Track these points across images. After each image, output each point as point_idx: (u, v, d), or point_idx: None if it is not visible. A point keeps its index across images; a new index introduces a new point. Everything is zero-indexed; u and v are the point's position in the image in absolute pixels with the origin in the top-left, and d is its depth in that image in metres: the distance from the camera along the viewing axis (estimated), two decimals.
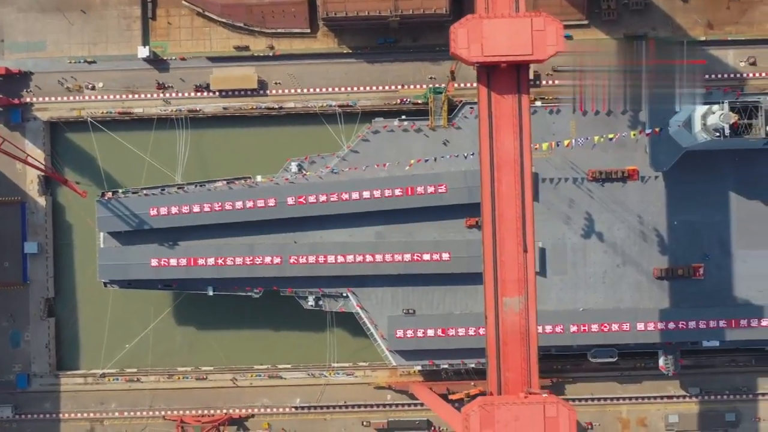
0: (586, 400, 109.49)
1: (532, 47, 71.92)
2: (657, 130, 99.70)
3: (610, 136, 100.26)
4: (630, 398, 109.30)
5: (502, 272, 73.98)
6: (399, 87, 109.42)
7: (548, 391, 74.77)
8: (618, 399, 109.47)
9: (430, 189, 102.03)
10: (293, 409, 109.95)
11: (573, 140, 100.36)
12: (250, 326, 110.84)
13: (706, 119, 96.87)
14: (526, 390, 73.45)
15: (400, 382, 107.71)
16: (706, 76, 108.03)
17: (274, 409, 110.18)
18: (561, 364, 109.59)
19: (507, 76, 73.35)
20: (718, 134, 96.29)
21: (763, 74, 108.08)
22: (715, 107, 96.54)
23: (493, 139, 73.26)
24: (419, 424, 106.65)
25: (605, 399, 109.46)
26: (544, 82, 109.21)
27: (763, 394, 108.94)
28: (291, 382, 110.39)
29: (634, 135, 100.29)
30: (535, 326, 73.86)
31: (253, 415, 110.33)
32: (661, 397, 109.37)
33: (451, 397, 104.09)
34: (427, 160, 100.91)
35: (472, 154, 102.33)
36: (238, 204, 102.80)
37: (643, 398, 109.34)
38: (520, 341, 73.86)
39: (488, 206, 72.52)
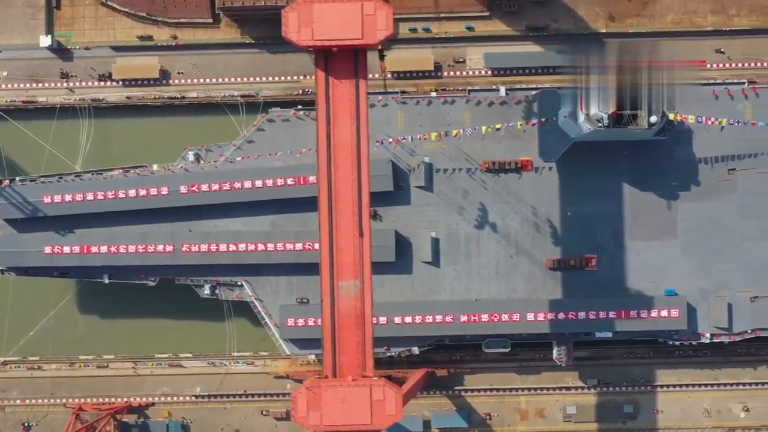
0: (485, 390, 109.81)
1: (362, 32, 71.94)
2: (543, 120, 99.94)
3: (498, 126, 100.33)
4: (528, 389, 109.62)
5: (338, 256, 74.26)
6: (301, 77, 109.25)
7: (381, 376, 74.79)
8: (517, 390, 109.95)
9: None
10: (193, 398, 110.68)
11: (461, 130, 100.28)
12: (151, 315, 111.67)
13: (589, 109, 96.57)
14: (361, 373, 73.55)
15: (299, 371, 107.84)
16: None
17: (175, 398, 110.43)
18: (460, 355, 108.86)
19: (344, 61, 73.83)
20: (600, 124, 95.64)
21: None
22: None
23: (330, 125, 73.25)
24: None
25: (504, 390, 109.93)
26: (445, 73, 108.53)
27: (662, 386, 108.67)
28: (191, 371, 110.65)
29: (521, 126, 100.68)
30: (370, 310, 74.31)
31: (153, 404, 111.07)
32: (560, 388, 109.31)
33: None
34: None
35: None
36: (132, 192, 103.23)
37: (541, 389, 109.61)
38: (356, 325, 74.28)
39: (324, 191, 73.03)
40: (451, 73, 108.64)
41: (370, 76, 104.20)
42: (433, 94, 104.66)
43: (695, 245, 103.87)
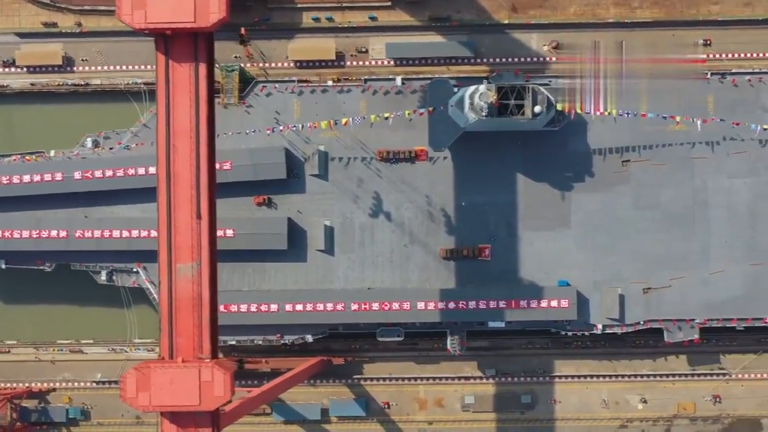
0: (384, 379, 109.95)
1: (194, 14, 72.27)
2: (430, 109, 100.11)
3: (386, 115, 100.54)
4: (427, 378, 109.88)
5: (176, 238, 74.69)
6: None
7: (215, 358, 75.20)
8: (415, 379, 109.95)
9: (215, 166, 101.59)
10: (94, 384, 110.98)
11: (351, 119, 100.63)
12: (53, 301, 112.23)
13: (473, 99, 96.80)
14: (197, 356, 74.04)
15: None
16: (508, 60, 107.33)
17: (76, 384, 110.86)
18: (359, 344, 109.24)
19: (184, 44, 74.12)
20: (484, 114, 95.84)
21: (566, 58, 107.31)
22: (482, 87, 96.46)
23: (169, 108, 73.73)
24: None
25: (403, 379, 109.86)
26: (348, 63, 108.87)
27: (560, 377, 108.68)
28: (92, 357, 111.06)
29: (409, 114, 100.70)
30: (208, 293, 74.64)
31: (54, 389, 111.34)
32: (458, 378, 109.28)
33: None
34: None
35: (254, 131, 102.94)
36: (26, 178, 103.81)
37: (440, 379, 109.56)
38: (193, 307, 74.67)
39: (163, 173, 73.42)
40: (354, 63, 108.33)
41: (273, 64, 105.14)
42: (329, 83, 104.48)
43: (588, 236, 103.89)
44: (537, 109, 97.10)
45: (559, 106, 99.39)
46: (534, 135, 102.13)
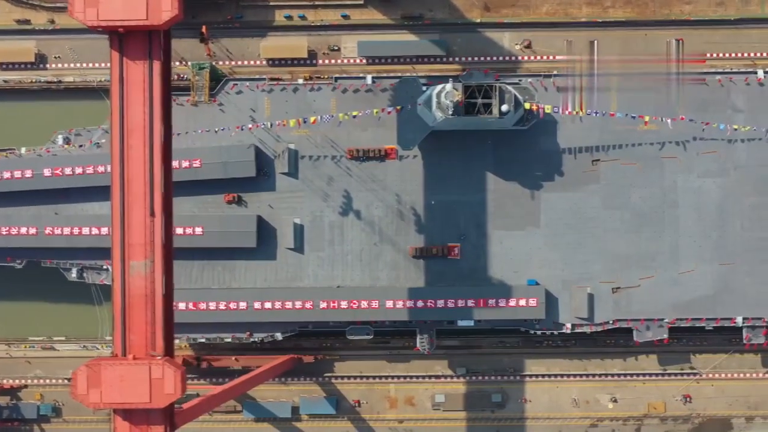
0: (355, 377, 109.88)
1: (147, 12, 72.34)
2: (398, 108, 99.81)
3: (354, 113, 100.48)
4: (398, 377, 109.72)
5: (130, 236, 74.75)
6: (177, 63, 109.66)
7: (169, 356, 75.27)
8: (386, 377, 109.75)
9: (185, 164, 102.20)
10: (65, 381, 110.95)
11: (319, 117, 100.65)
12: (25, 298, 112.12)
13: (440, 97, 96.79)
14: (149, 353, 74.15)
15: None
16: (480, 59, 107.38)
17: (47, 381, 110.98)
18: (330, 342, 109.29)
19: (138, 42, 74.19)
20: (450, 113, 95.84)
21: (538, 57, 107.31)
22: (448, 86, 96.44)
23: (123, 105, 73.84)
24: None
25: (373, 377, 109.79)
26: (320, 61, 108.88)
27: (530, 376, 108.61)
28: (64, 354, 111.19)
29: (377, 113, 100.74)
30: (161, 290, 74.72)
31: (26, 386, 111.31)
32: (429, 377, 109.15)
33: None
34: (179, 134, 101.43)
35: (222, 129, 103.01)
36: None
37: (411, 377, 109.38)
38: (146, 305, 74.71)
39: (117, 171, 73.56)
40: (326, 61, 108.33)
41: (245, 62, 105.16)
42: (300, 81, 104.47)
43: (558, 235, 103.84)
44: (504, 108, 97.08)
45: (527, 105, 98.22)
46: (504, 134, 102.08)
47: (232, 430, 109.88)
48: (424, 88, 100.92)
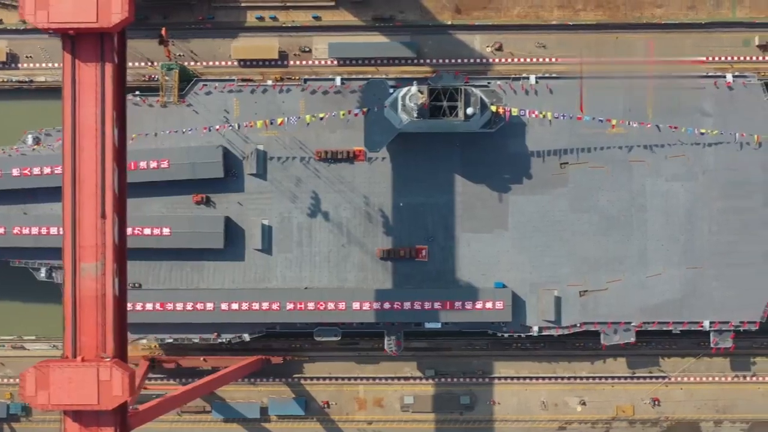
0: (324, 379, 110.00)
1: (97, 15, 72.46)
2: (364, 110, 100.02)
3: (321, 115, 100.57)
4: (367, 378, 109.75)
5: (81, 238, 74.88)
6: (148, 64, 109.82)
7: (118, 357, 75.40)
8: (355, 379, 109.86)
9: (153, 164, 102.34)
10: None
11: (286, 118, 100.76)
12: None
13: (405, 100, 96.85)
14: (99, 355, 74.31)
15: (135, 356, 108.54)
16: (450, 61, 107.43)
17: (17, 380, 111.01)
18: (299, 343, 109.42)
19: (90, 44, 74.29)
20: (415, 115, 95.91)
21: (509, 60, 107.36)
22: (413, 88, 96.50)
23: (75, 107, 74.03)
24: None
25: (342, 378, 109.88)
26: (291, 62, 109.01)
27: (499, 378, 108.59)
28: (34, 353, 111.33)
29: (344, 115, 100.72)
30: (112, 292, 74.80)
31: None
32: (398, 378, 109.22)
33: None
34: (147, 135, 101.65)
35: (190, 130, 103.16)
36: None
37: (379, 379, 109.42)
38: (97, 307, 74.79)
39: (69, 172, 73.68)
40: (297, 62, 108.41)
41: (216, 63, 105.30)
42: (269, 82, 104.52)
43: (526, 238, 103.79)
44: (469, 110, 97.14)
45: (494, 108, 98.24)
46: (472, 137, 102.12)
47: (201, 431, 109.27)
48: (392, 90, 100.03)
